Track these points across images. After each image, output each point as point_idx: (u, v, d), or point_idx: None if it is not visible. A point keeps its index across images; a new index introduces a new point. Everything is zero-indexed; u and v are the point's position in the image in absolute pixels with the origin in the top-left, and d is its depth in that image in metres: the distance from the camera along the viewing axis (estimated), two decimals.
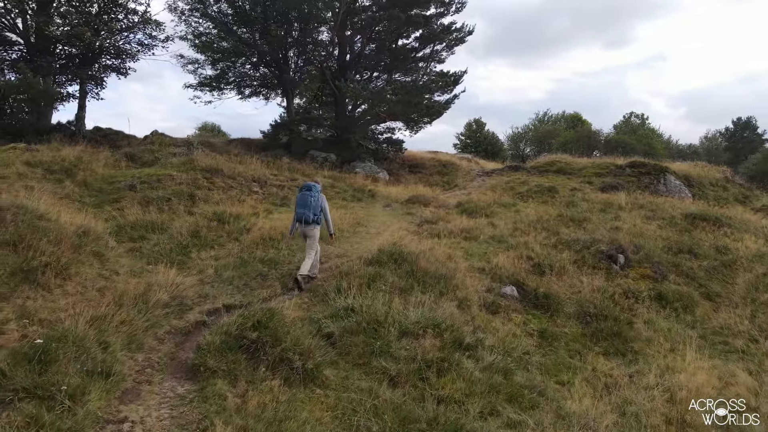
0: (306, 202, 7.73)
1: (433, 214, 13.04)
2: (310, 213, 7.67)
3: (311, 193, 7.82)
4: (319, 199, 7.90)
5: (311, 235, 7.76)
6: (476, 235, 11.07)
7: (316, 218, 7.76)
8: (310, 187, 7.98)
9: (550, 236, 11.22)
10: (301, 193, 7.91)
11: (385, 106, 17.17)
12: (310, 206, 7.71)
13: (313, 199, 7.77)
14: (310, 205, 7.72)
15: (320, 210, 7.89)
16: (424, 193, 15.45)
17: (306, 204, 7.72)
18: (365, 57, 21.90)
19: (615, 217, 13.75)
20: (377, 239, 10.34)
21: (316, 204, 7.80)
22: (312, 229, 7.75)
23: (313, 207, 7.74)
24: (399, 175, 20.62)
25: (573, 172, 20.09)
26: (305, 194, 7.81)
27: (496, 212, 13.56)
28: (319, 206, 7.87)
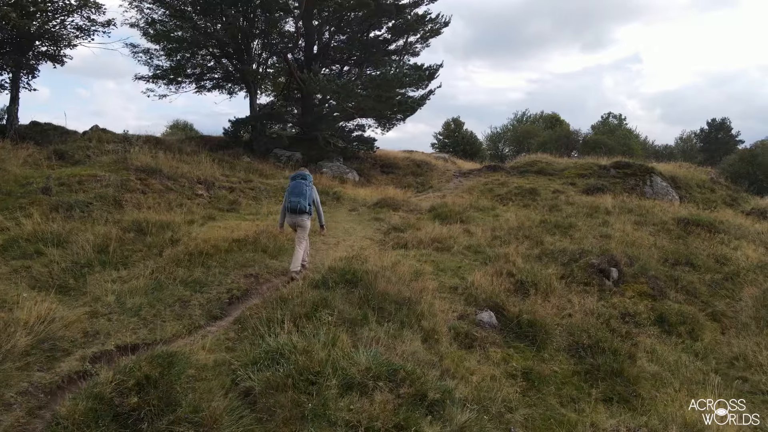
0: (301, 191, 7.45)
1: (403, 220, 11.61)
2: (305, 202, 7.41)
3: (306, 182, 7.55)
4: (312, 188, 7.66)
5: (303, 225, 7.53)
6: (450, 246, 9.68)
7: (309, 207, 7.49)
8: (304, 175, 7.67)
9: (534, 246, 9.89)
10: (295, 181, 7.60)
11: (353, 101, 15.71)
12: (305, 195, 7.45)
13: (307, 188, 7.50)
14: (305, 194, 7.45)
15: (312, 200, 7.60)
16: (394, 196, 14.01)
17: (301, 192, 7.44)
18: (334, 49, 20.40)
19: (603, 222, 12.52)
20: (334, 251, 8.87)
21: (310, 193, 7.54)
22: (305, 220, 7.51)
23: (308, 196, 7.48)
24: (370, 176, 19.16)
25: (555, 173, 18.90)
26: (300, 183, 7.52)
27: (473, 218, 12.21)
28: (312, 195, 7.59)
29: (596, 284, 8.44)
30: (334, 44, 20.41)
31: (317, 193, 7.88)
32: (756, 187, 37.78)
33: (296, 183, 7.59)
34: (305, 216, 7.51)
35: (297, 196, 7.45)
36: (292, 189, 7.56)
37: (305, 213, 7.47)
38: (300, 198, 7.44)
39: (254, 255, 7.88)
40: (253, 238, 8.38)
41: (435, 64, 19.25)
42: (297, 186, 7.54)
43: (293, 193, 7.50)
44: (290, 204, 7.46)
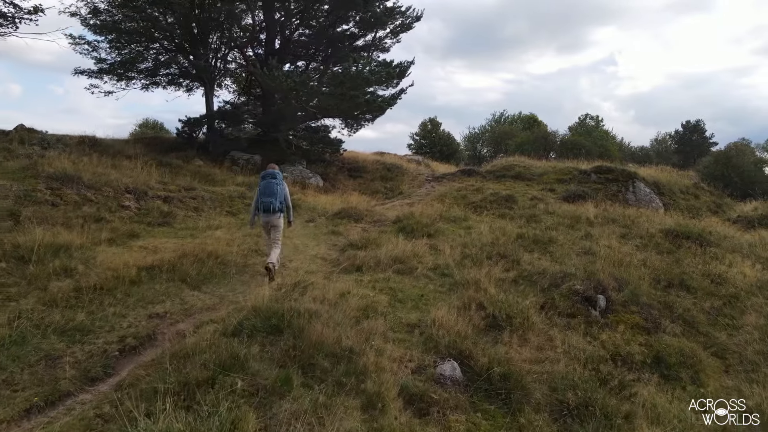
0: (272, 191, 7.43)
1: (363, 235, 10.24)
2: (276, 201, 7.42)
3: (276, 181, 7.53)
4: (283, 186, 7.64)
5: (276, 224, 7.55)
6: (413, 267, 8.35)
7: (281, 206, 7.51)
8: (274, 174, 7.62)
9: (509, 267, 8.62)
10: (266, 181, 7.55)
11: (313, 99, 14.27)
12: (276, 194, 7.43)
13: (279, 187, 7.49)
14: (276, 193, 7.44)
15: (284, 197, 7.61)
16: (357, 205, 12.63)
17: (272, 192, 7.42)
18: (298, 44, 18.92)
19: (586, 235, 11.36)
20: (275, 278, 7.44)
21: (281, 192, 7.52)
22: (278, 218, 7.54)
23: (279, 195, 7.46)
24: (336, 181, 17.74)
25: (533, 178, 17.77)
26: (270, 182, 7.49)
27: (443, 231, 10.90)
28: (284, 193, 7.58)
29: (581, 315, 7.19)
30: (298, 38, 18.94)
31: (288, 190, 7.86)
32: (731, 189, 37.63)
33: (267, 182, 7.51)
34: (278, 214, 7.51)
35: (269, 196, 7.42)
36: (263, 189, 7.49)
37: (278, 212, 7.48)
38: (272, 198, 7.41)
39: (169, 286, 6.41)
40: (172, 263, 6.90)
41: (406, 61, 17.90)
42: (268, 186, 7.48)
43: (264, 194, 7.46)
44: (262, 205, 7.44)
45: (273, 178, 7.57)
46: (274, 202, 7.42)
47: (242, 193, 12.35)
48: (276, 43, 18.35)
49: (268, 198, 7.42)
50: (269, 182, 7.52)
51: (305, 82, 13.55)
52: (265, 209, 7.44)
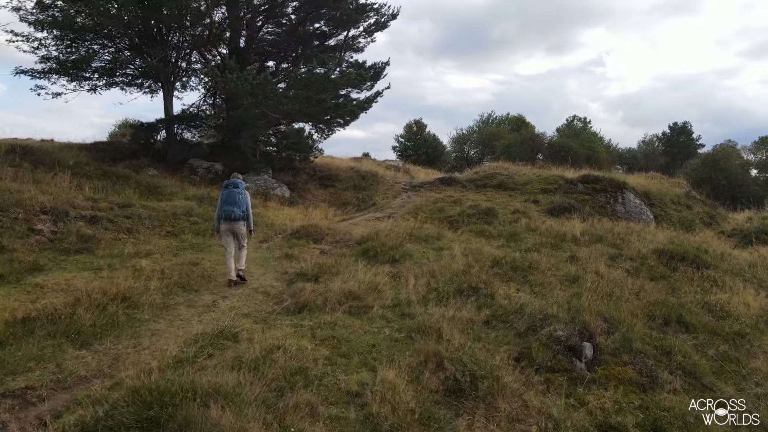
0: (234, 200, 7.65)
1: (318, 261, 8.96)
2: (238, 210, 7.62)
3: (239, 190, 7.75)
4: (245, 195, 7.83)
5: (240, 231, 7.75)
6: (368, 305, 7.10)
7: (243, 214, 7.71)
8: (237, 183, 7.85)
9: (482, 304, 7.41)
10: (228, 190, 7.76)
11: (274, 103, 12.96)
12: (238, 203, 7.65)
13: (240, 196, 7.70)
14: (238, 201, 7.65)
15: (246, 206, 7.81)
16: (318, 223, 11.36)
17: (234, 201, 7.64)
18: (266, 43, 17.60)
19: (571, 257, 10.22)
20: (195, 324, 6.15)
21: (243, 200, 7.72)
22: (241, 226, 7.73)
23: (241, 204, 7.67)
24: (305, 191, 16.45)
25: (516, 187, 16.64)
26: (233, 191, 7.71)
27: (411, 254, 9.67)
28: (245, 202, 7.79)
29: (564, 370, 5.98)
30: (265, 37, 17.61)
31: (250, 198, 8.05)
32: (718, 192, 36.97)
33: (229, 192, 7.71)
34: (241, 223, 7.69)
35: (230, 205, 7.62)
36: (225, 198, 7.70)
37: (240, 220, 7.66)
38: (233, 207, 7.60)
39: (46, 346, 5.08)
40: (60, 312, 5.57)
41: (381, 62, 16.72)
42: (230, 195, 7.68)
43: (226, 202, 7.66)
44: (224, 213, 7.62)
45: (235, 187, 7.77)
46: (236, 211, 7.59)
47: (189, 209, 11.02)
48: (240, 41, 17.00)
49: (230, 207, 7.61)
50: (231, 191, 7.70)
51: (264, 85, 12.25)
52: (227, 218, 7.60)
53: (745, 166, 48.49)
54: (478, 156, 58.45)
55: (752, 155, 60.35)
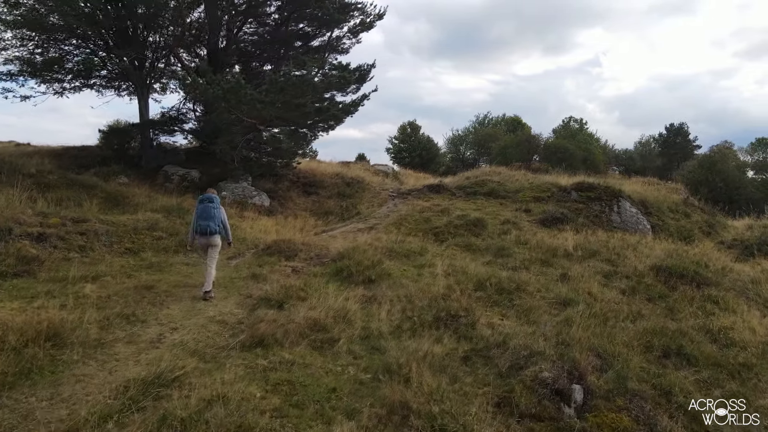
0: (209, 214, 7.75)
1: (286, 283, 8.19)
2: (214, 224, 7.72)
3: (213, 205, 7.84)
4: (220, 209, 7.92)
5: (215, 244, 7.82)
6: (334, 337, 6.37)
7: (219, 228, 7.80)
8: (211, 198, 7.92)
9: (461, 335, 6.68)
10: (203, 204, 7.84)
11: (248, 108, 12.18)
12: (213, 217, 7.74)
13: (215, 211, 7.80)
14: (213, 216, 7.75)
15: (221, 220, 7.90)
16: (292, 238, 10.59)
17: (209, 216, 7.73)
18: (249, 43, 16.85)
19: (562, 276, 9.51)
20: (131, 366, 5.40)
21: (218, 214, 7.82)
22: (216, 239, 7.81)
23: (216, 218, 7.77)
24: (287, 199, 15.69)
25: (507, 195, 15.92)
26: (207, 206, 7.80)
27: (389, 273, 8.93)
28: (220, 216, 7.87)
29: (551, 418, 5.25)
30: (247, 38, 16.86)
31: (225, 213, 8.11)
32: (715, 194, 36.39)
33: (204, 206, 7.79)
34: (216, 236, 7.77)
35: (206, 220, 7.69)
36: (200, 213, 7.78)
37: (216, 234, 7.74)
38: (209, 221, 7.69)
39: None
40: None
41: (366, 64, 15.94)
42: (205, 209, 7.76)
43: (202, 217, 7.74)
44: (200, 228, 7.70)
45: (210, 201, 7.85)
46: (211, 225, 7.69)
47: (154, 223, 10.25)
48: (220, 42, 16.22)
49: (206, 221, 7.68)
50: (207, 206, 7.79)
51: (236, 89, 11.49)
52: (203, 232, 7.69)
53: (742, 168, 47.99)
54: (474, 157, 57.87)
55: (749, 156, 59.95)
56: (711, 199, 36.19)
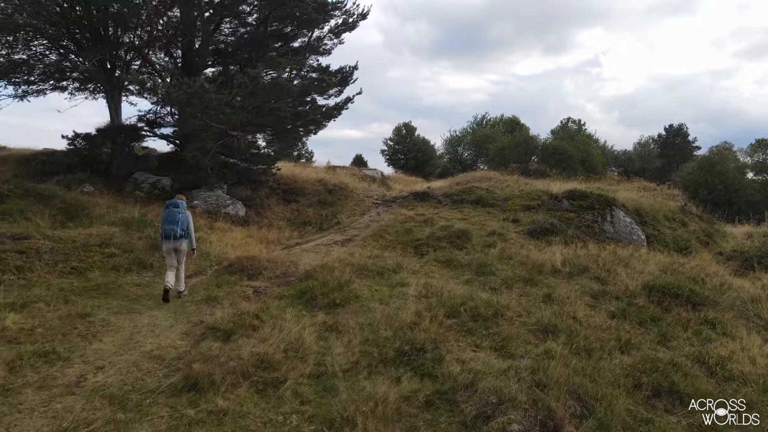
0: (174, 219, 7.89)
1: (241, 308, 7.43)
2: (178, 228, 7.86)
3: (178, 210, 7.98)
4: (186, 214, 8.08)
5: (180, 249, 7.99)
6: (282, 376, 5.65)
7: (183, 233, 7.94)
8: (177, 204, 8.08)
9: (425, 372, 5.94)
10: (168, 210, 8.02)
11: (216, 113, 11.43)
12: (178, 222, 7.87)
13: (180, 215, 7.95)
14: (178, 221, 7.88)
15: (186, 225, 8.02)
16: (257, 254, 9.84)
17: (174, 220, 7.87)
18: (227, 44, 16.13)
19: (546, 297, 8.78)
20: (35, 418, 4.66)
21: (183, 219, 7.97)
22: (181, 243, 7.97)
23: (181, 222, 7.91)
24: (264, 207, 14.95)
25: (496, 203, 15.19)
26: (173, 211, 7.95)
27: (356, 296, 8.19)
28: (186, 221, 8.01)
29: None
30: (224, 39, 16.13)
31: (191, 218, 8.25)
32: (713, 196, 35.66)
33: (169, 211, 7.94)
34: (181, 240, 7.91)
35: (170, 224, 7.83)
36: (165, 217, 7.94)
37: (180, 238, 7.87)
38: (173, 225, 7.81)
39: None
40: None
41: (348, 66, 15.22)
42: (170, 214, 7.90)
43: (167, 221, 7.89)
44: (164, 232, 7.86)
45: (175, 207, 8.00)
46: (175, 229, 7.81)
47: (108, 238, 9.51)
48: (196, 43, 15.49)
49: (170, 226, 7.83)
50: (171, 211, 7.94)
51: (200, 93, 10.73)
52: (167, 236, 7.83)
53: (742, 169, 47.29)
54: (471, 158, 57.20)
55: (748, 158, 59.24)
56: (710, 201, 35.53)
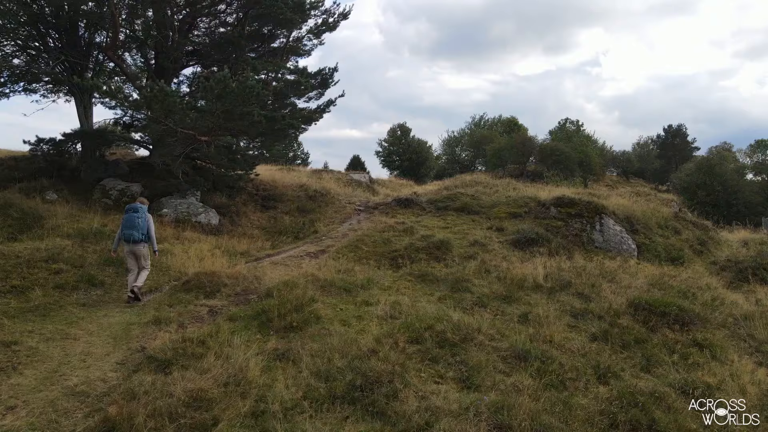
0: (134, 224, 8.13)
1: (187, 334, 6.85)
2: (137, 233, 8.11)
3: (138, 215, 8.17)
4: (146, 219, 8.29)
5: (139, 253, 8.18)
6: (215, 418, 5.05)
7: (143, 237, 8.18)
8: (137, 208, 8.27)
9: (376, 414, 5.35)
10: (128, 214, 8.21)
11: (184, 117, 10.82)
12: (138, 227, 8.13)
13: (140, 220, 8.17)
14: (138, 225, 8.13)
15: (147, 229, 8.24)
16: (217, 270, 9.20)
17: (134, 225, 8.12)
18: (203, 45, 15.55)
19: (523, 316, 8.21)
20: None
21: (143, 224, 8.21)
22: (141, 248, 8.18)
23: (140, 227, 8.16)
24: (240, 215, 14.35)
25: (481, 210, 14.60)
26: (132, 216, 8.15)
27: (317, 317, 7.58)
28: (146, 226, 8.24)
29: None
30: (198, 39, 15.53)
31: (152, 222, 8.45)
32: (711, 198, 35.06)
33: (128, 216, 8.17)
34: (141, 244, 8.16)
35: (130, 229, 8.10)
36: (125, 222, 8.19)
37: (140, 242, 8.13)
38: (133, 230, 8.09)
39: None
40: None
41: (328, 68, 14.63)
42: (129, 219, 8.15)
43: (126, 226, 8.14)
44: (124, 236, 8.13)
45: (135, 211, 8.18)
46: (135, 234, 8.05)
47: (57, 253, 8.93)
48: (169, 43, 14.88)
49: (130, 230, 8.06)
50: (131, 215, 8.13)
51: (160, 98, 10.13)
52: (127, 240, 8.08)
53: (741, 171, 46.71)
54: (470, 159, 56.69)
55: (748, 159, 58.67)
56: (709, 203, 34.95)
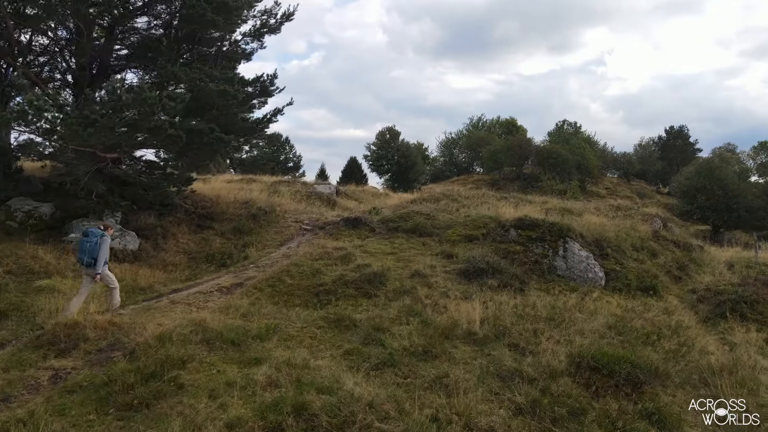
0: (83, 248, 8.27)
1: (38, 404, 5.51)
2: (86, 257, 8.23)
3: (88, 239, 8.31)
4: (98, 243, 8.28)
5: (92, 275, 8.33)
6: None
7: (91, 261, 8.25)
8: (87, 232, 8.48)
9: None
10: (82, 238, 8.43)
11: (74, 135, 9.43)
12: (86, 251, 8.22)
13: (89, 245, 8.24)
14: (86, 249, 8.23)
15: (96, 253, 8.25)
16: (83, 319, 7.80)
17: (83, 249, 8.27)
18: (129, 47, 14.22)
19: (437, 381, 6.82)
20: None
21: (93, 248, 8.25)
22: (92, 270, 8.29)
23: (89, 251, 8.22)
24: (168, 237, 12.96)
25: (435, 232, 13.18)
26: (83, 240, 8.36)
27: (181, 385, 6.19)
28: (96, 250, 8.24)
29: None
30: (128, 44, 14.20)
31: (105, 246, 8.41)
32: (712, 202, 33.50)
33: (81, 240, 8.43)
34: (91, 268, 8.28)
35: (81, 253, 8.30)
36: (77, 246, 8.50)
37: (90, 266, 8.28)
38: (83, 255, 8.26)
39: None
40: None
41: (267, 74, 13.27)
42: (81, 243, 8.38)
43: (78, 250, 8.41)
44: (78, 259, 8.43)
45: (86, 236, 8.38)
46: (85, 258, 8.25)
47: None
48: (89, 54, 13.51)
49: (81, 255, 8.28)
50: (82, 240, 8.37)
51: (23, 114, 8.70)
52: (80, 263, 8.39)
53: (743, 173, 45.05)
54: (467, 161, 55.52)
55: (751, 161, 56.96)
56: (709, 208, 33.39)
